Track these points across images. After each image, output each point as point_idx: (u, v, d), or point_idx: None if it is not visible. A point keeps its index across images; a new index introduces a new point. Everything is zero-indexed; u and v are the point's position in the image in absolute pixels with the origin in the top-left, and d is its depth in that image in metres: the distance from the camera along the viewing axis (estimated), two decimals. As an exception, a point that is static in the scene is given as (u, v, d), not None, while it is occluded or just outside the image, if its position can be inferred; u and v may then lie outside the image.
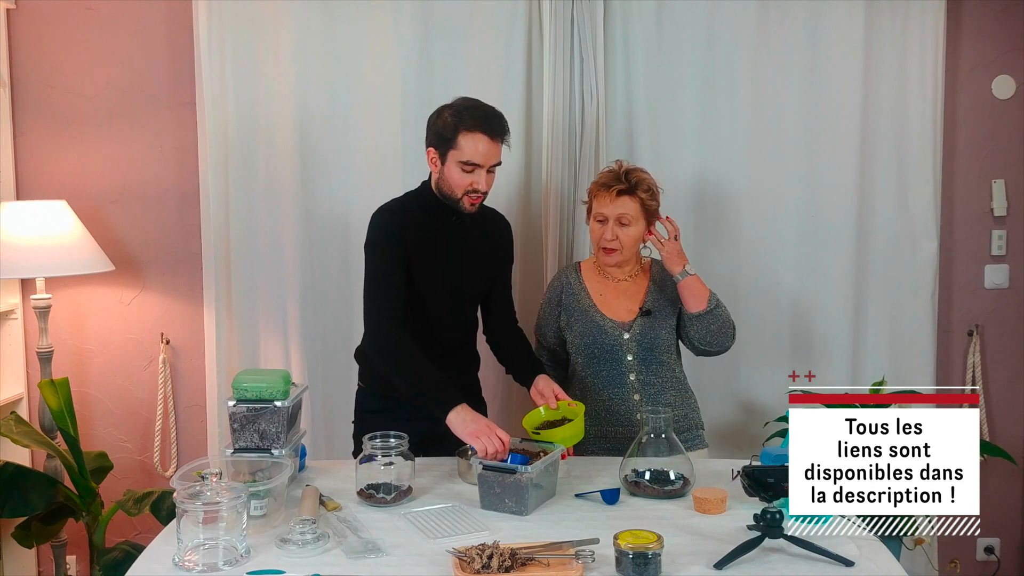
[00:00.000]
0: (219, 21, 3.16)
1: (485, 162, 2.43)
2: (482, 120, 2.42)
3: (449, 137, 2.43)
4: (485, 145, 2.42)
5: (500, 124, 2.45)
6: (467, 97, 2.51)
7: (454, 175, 2.44)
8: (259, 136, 3.24)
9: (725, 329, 2.65)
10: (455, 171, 2.44)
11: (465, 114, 2.43)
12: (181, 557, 1.84)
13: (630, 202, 2.59)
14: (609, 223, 2.61)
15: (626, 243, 2.62)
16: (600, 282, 2.74)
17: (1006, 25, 3.40)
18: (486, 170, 2.44)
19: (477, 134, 2.41)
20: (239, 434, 2.21)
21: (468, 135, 2.41)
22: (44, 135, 3.30)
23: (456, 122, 2.42)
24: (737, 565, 1.82)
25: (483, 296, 2.69)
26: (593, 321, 2.67)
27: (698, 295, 2.60)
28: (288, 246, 3.27)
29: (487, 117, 2.44)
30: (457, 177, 2.44)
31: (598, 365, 2.66)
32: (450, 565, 1.79)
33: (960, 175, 3.45)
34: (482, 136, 2.41)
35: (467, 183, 2.44)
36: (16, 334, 3.32)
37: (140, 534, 3.30)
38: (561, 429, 2.35)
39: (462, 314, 2.64)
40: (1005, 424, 3.52)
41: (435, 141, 2.47)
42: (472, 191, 2.45)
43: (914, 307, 3.37)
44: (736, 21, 3.27)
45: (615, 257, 2.65)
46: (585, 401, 2.64)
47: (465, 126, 2.41)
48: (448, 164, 2.45)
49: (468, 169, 2.42)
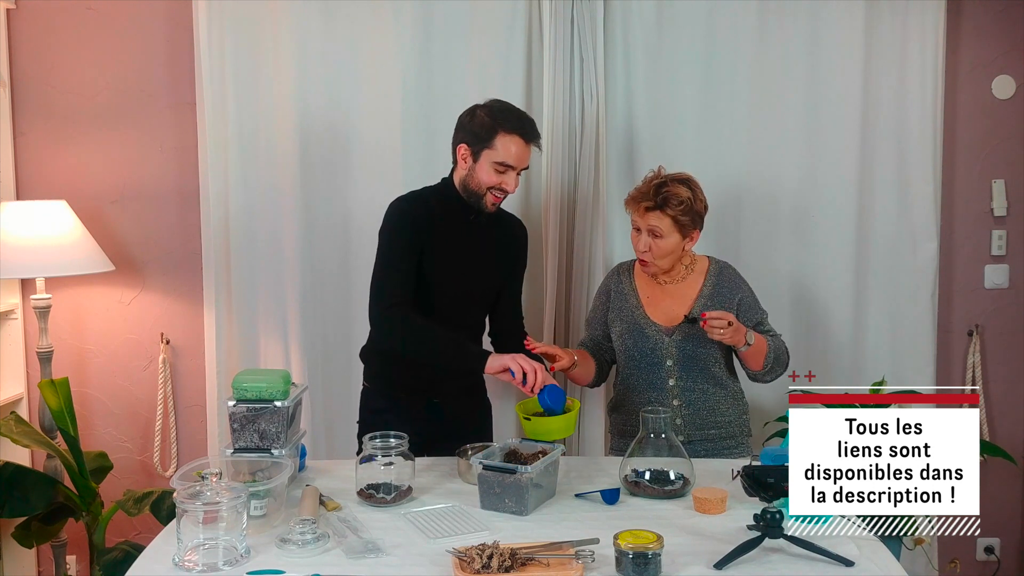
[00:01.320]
0: (219, 21, 3.16)
1: (519, 164, 2.48)
2: (519, 124, 2.48)
3: (485, 137, 2.46)
4: (520, 148, 2.47)
5: (535, 128, 2.52)
6: (500, 100, 2.56)
7: (485, 174, 2.48)
8: (259, 136, 3.24)
9: (778, 370, 2.69)
10: (487, 170, 2.47)
11: (502, 116, 2.47)
12: (181, 557, 1.84)
13: (660, 217, 2.57)
14: (643, 234, 2.61)
15: (659, 254, 2.60)
16: (648, 283, 2.71)
17: (1006, 25, 3.40)
18: (516, 172, 2.49)
19: (515, 136, 2.46)
20: (239, 434, 2.21)
21: (506, 136, 2.45)
22: (44, 135, 3.30)
23: (494, 123, 2.46)
24: (737, 565, 1.82)
25: (492, 297, 2.69)
26: (636, 323, 2.65)
27: (757, 357, 2.62)
28: (288, 246, 3.27)
29: (523, 121, 2.50)
30: (487, 176, 2.48)
31: (638, 367, 2.65)
32: (450, 565, 1.79)
33: (960, 175, 3.45)
34: (519, 139, 2.46)
35: (497, 181, 2.48)
36: (16, 334, 3.32)
37: (140, 534, 3.30)
38: (552, 420, 2.34)
39: (469, 313, 2.65)
40: (1005, 424, 3.52)
41: (469, 139, 2.49)
42: (499, 189, 2.49)
43: (914, 307, 3.37)
44: (736, 21, 3.27)
45: (651, 268, 2.64)
46: (627, 400, 2.66)
47: (503, 128, 2.45)
48: (481, 162, 2.48)
49: (501, 170, 2.47)
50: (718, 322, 2.48)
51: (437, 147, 3.23)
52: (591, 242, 3.26)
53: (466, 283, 2.58)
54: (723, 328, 2.48)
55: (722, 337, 2.50)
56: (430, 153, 3.23)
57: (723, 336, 2.50)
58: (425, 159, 3.23)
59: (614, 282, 2.76)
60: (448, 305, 2.56)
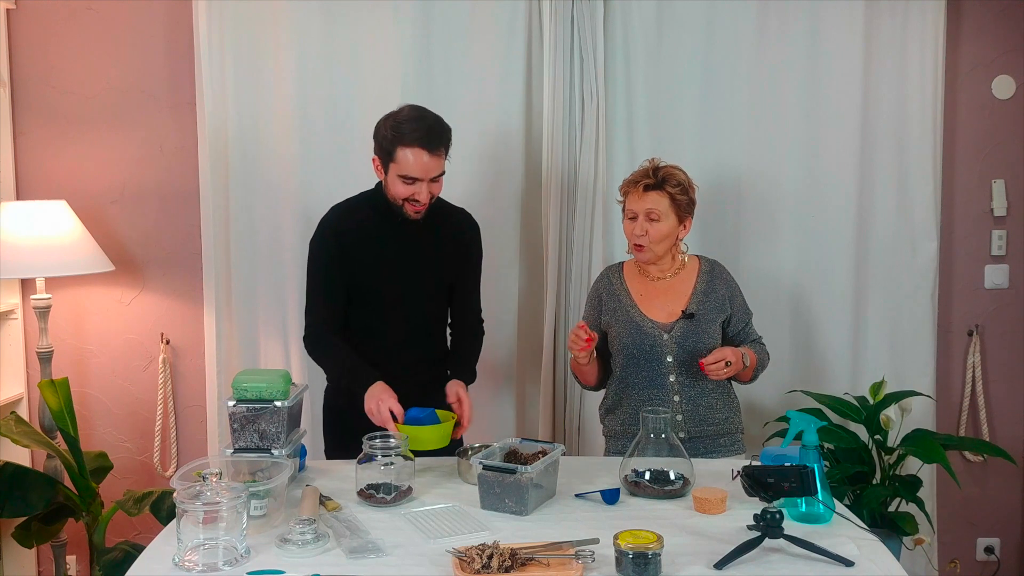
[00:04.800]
0: (219, 21, 3.17)
1: (424, 175, 2.42)
2: (420, 134, 2.40)
3: (389, 150, 2.42)
4: (424, 159, 2.40)
5: (438, 137, 2.43)
6: (413, 106, 2.48)
7: (395, 186, 2.45)
8: (259, 136, 3.24)
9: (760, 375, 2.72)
10: (396, 182, 2.44)
11: (403, 127, 2.41)
12: (181, 557, 1.84)
13: (659, 197, 2.57)
14: (639, 219, 2.60)
15: (656, 239, 2.59)
16: (641, 281, 2.71)
17: (1006, 25, 3.40)
18: (427, 182, 2.44)
19: (415, 148, 2.40)
20: (239, 434, 2.21)
21: (406, 149, 2.40)
22: (44, 135, 3.30)
23: (394, 136, 2.41)
24: (737, 565, 1.82)
25: (443, 293, 2.67)
26: (633, 321, 2.64)
27: (749, 372, 2.64)
28: (288, 246, 3.27)
29: (425, 130, 2.41)
30: (398, 188, 2.45)
31: (637, 365, 2.63)
32: (450, 565, 1.79)
33: (960, 175, 3.45)
34: (420, 150, 2.40)
35: (408, 193, 2.44)
36: (16, 334, 3.32)
37: (140, 534, 3.30)
38: (424, 429, 2.33)
39: (419, 310, 2.63)
40: (1005, 424, 3.52)
41: (378, 151, 2.48)
42: (413, 200, 2.46)
43: (914, 307, 3.37)
44: (736, 21, 3.27)
45: (647, 254, 2.62)
46: (624, 401, 2.66)
47: (402, 141, 2.40)
48: (390, 175, 2.46)
49: (408, 182, 2.43)
50: (716, 365, 2.48)
51: (437, 147, 3.23)
52: (591, 242, 3.27)
53: (407, 283, 2.57)
54: (723, 368, 2.48)
55: (726, 375, 2.51)
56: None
57: (727, 374, 2.51)
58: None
59: (604, 285, 2.75)
60: (392, 303, 2.57)
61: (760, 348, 2.70)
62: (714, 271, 2.70)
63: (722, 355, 2.49)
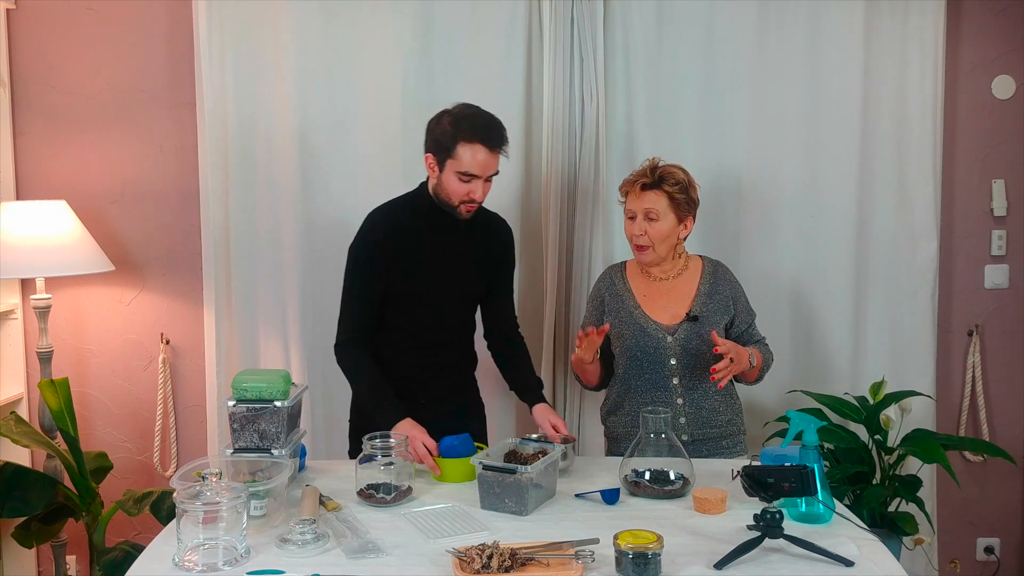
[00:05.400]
0: (219, 21, 3.16)
1: (483, 173, 2.42)
2: (481, 131, 2.40)
3: (448, 146, 2.41)
4: (484, 156, 2.40)
5: (499, 134, 2.44)
6: (468, 104, 2.49)
7: (451, 184, 2.44)
8: (259, 136, 3.24)
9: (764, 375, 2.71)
10: (452, 180, 2.43)
11: (464, 123, 2.41)
12: (181, 557, 1.84)
13: (656, 196, 2.57)
14: (638, 219, 2.59)
15: (656, 238, 2.59)
16: (644, 282, 2.69)
17: (1006, 25, 3.40)
18: (483, 180, 2.44)
19: (476, 145, 2.39)
20: (239, 434, 2.21)
21: (466, 146, 2.39)
22: (44, 135, 3.30)
23: (455, 131, 2.40)
24: (737, 565, 1.82)
25: (476, 299, 2.67)
26: (636, 322, 2.63)
27: (754, 372, 2.63)
28: (288, 246, 3.27)
29: (486, 127, 2.42)
30: (454, 186, 2.43)
31: (641, 367, 2.62)
32: (450, 565, 1.79)
33: (960, 175, 3.45)
34: (480, 147, 2.39)
35: (464, 192, 2.44)
36: (16, 334, 3.32)
37: (140, 534, 3.30)
38: (454, 462, 2.33)
39: (455, 315, 2.63)
40: (1005, 424, 3.52)
41: (433, 148, 2.46)
42: (468, 200, 2.45)
43: (914, 307, 3.37)
44: (736, 21, 3.27)
45: (648, 254, 2.61)
46: (626, 402, 2.64)
47: (464, 136, 2.39)
48: (446, 172, 2.44)
49: (465, 179, 2.42)
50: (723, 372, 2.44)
51: (437, 147, 3.23)
52: (591, 242, 3.26)
53: (445, 287, 2.56)
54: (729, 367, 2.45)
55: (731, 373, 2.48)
56: (430, 153, 3.23)
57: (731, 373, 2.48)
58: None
59: (606, 285, 2.73)
60: (430, 307, 2.55)
61: (765, 348, 2.69)
62: (717, 272, 2.70)
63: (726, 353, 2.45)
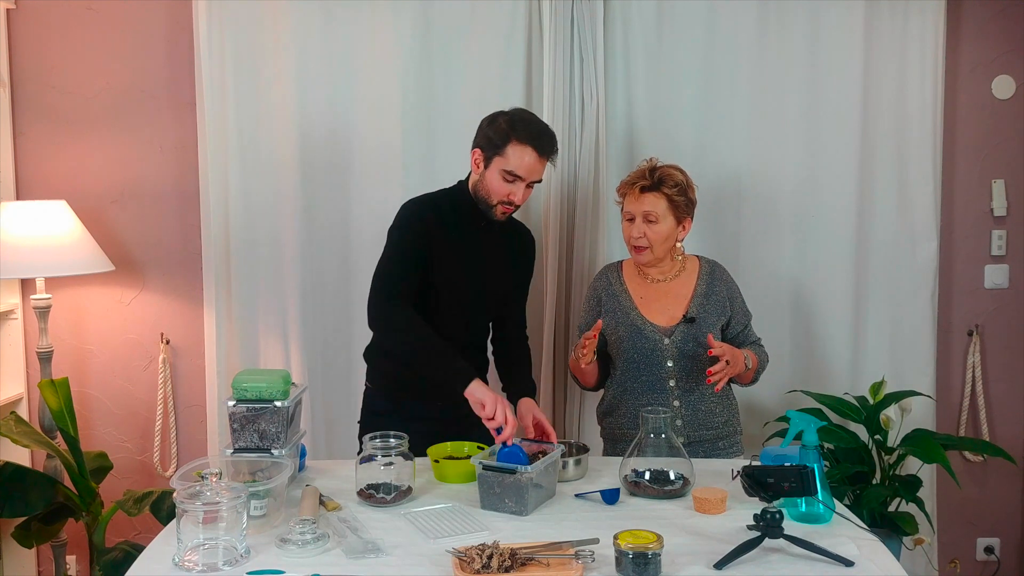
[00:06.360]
0: (219, 21, 3.17)
1: (528, 176, 2.45)
2: (535, 135, 2.44)
3: (499, 144, 2.44)
4: (532, 159, 2.43)
5: (551, 142, 2.48)
6: (524, 109, 2.56)
7: (494, 182, 2.46)
8: (259, 136, 3.24)
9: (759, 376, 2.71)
10: (496, 178, 2.45)
11: (519, 125, 2.44)
12: (181, 557, 1.84)
13: (655, 199, 2.57)
14: (636, 221, 2.59)
15: (655, 240, 2.59)
16: (641, 283, 2.69)
17: (1006, 25, 3.41)
18: (525, 184, 2.46)
19: (527, 147, 2.42)
20: (239, 434, 2.21)
21: (518, 146, 2.42)
22: (44, 135, 3.30)
23: (509, 130, 2.43)
24: (737, 565, 1.82)
25: (499, 304, 2.68)
26: (633, 324, 2.63)
27: (750, 374, 2.63)
28: (288, 246, 3.27)
29: (540, 133, 2.46)
30: (496, 184, 2.45)
31: (637, 369, 2.62)
32: (450, 565, 1.79)
33: (960, 175, 3.45)
34: (531, 150, 2.43)
35: (505, 193, 2.45)
36: (16, 334, 3.32)
37: (140, 534, 3.30)
38: (455, 464, 2.33)
39: (476, 318, 2.64)
40: (1005, 424, 3.52)
41: (483, 144, 2.48)
42: (507, 202, 2.47)
43: (914, 307, 3.37)
44: (736, 21, 3.27)
45: (646, 256, 2.61)
46: (623, 403, 2.63)
47: (517, 137, 2.42)
48: (491, 170, 2.46)
49: (509, 179, 2.44)
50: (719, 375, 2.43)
51: (437, 147, 3.24)
52: (591, 242, 3.27)
53: (472, 289, 2.56)
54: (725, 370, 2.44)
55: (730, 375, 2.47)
56: (430, 153, 3.24)
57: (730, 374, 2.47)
58: (425, 159, 3.24)
59: (603, 285, 2.73)
60: (452, 309, 2.55)
61: (760, 350, 2.70)
62: (714, 272, 2.70)
63: (721, 355, 2.45)
